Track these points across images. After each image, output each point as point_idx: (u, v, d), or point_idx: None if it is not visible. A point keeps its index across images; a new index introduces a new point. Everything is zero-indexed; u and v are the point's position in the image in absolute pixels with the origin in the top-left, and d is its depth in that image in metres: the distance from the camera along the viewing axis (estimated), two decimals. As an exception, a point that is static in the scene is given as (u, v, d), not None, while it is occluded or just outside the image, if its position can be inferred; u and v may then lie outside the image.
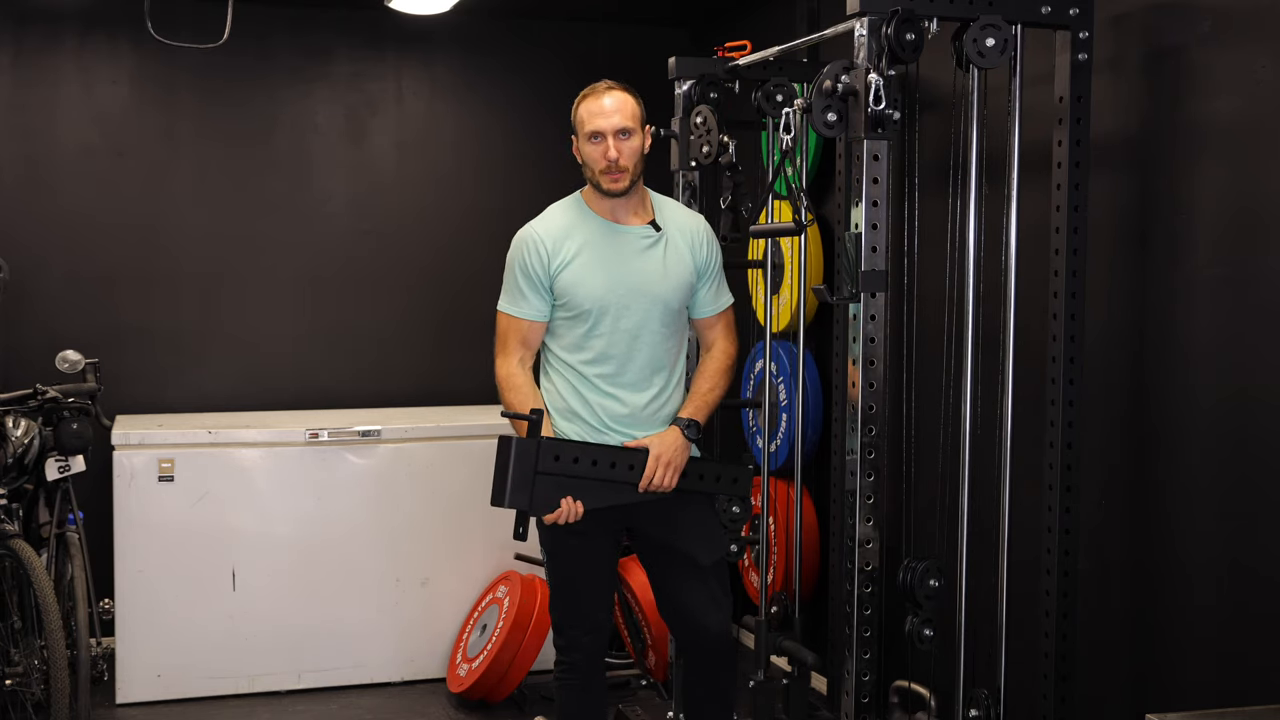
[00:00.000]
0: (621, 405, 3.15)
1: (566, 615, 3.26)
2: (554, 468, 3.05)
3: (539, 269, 3.14)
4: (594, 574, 3.24)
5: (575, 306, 3.12)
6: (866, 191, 2.76)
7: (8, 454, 3.98)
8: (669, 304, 3.17)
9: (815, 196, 4.44)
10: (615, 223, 3.18)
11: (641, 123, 3.15)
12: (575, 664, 3.26)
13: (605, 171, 3.10)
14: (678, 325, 3.23)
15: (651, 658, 4.53)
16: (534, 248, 3.15)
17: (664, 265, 3.17)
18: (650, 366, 3.17)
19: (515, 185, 5.39)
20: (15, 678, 3.86)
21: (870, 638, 2.87)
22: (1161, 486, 3.04)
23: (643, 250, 3.17)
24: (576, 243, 3.14)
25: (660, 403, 3.19)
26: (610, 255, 3.14)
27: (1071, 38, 2.94)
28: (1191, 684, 2.96)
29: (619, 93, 3.14)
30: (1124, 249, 3.14)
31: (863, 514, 2.83)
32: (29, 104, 4.93)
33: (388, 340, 5.33)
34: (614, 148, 3.08)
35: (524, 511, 3.06)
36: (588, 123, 3.12)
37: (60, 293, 4.96)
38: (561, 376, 3.19)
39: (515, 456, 3.03)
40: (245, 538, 4.57)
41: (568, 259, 3.13)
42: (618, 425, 3.15)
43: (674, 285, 3.18)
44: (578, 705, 3.30)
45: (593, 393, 3.15)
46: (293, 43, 5.19)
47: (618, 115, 3.10)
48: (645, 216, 3.20)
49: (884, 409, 2.83)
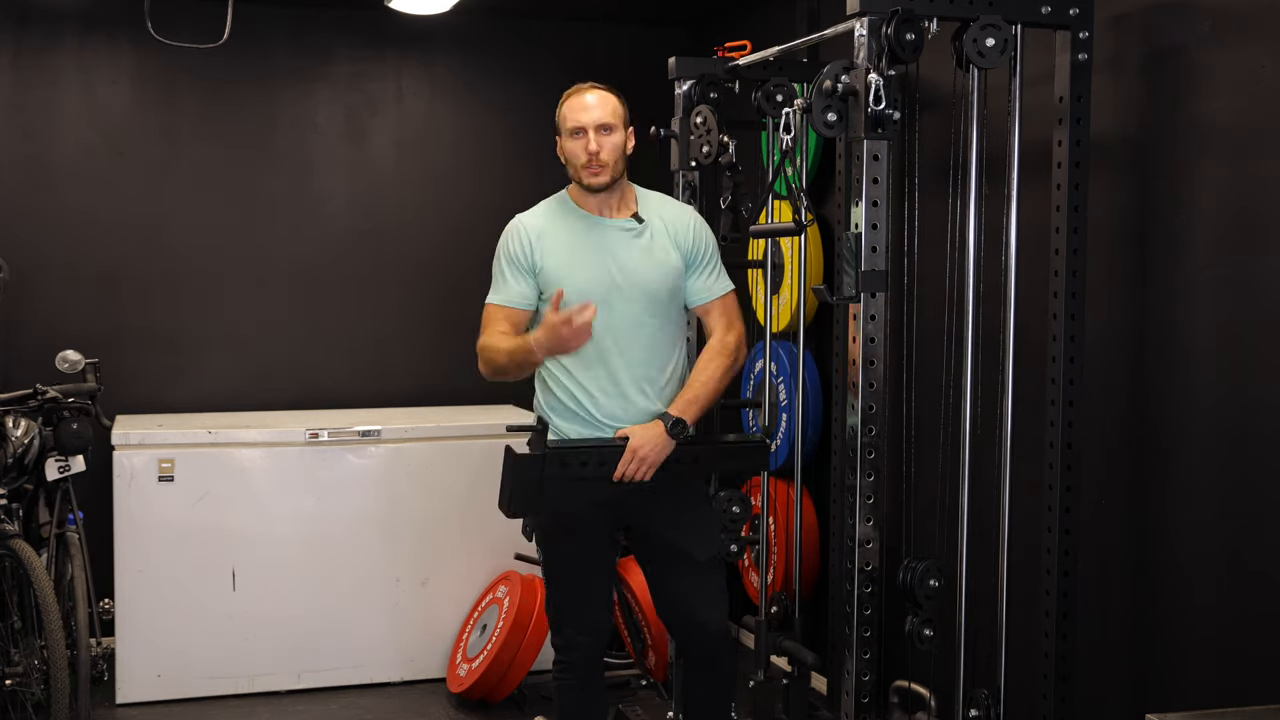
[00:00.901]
0: (618, 400, 3.15)
1: (563, 614, 3.26)
2: (560, 473, 3.07)
3: (522, 256, 3.18)
4: (590, 573, 3.24)
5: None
6: (866, 191, 2.76)
7: (8, 454, 3.98)
8: (655, 294, 3.18)
9: (815, 196, 4.44)
10: (599, 215, 3.20)
11: (624, 122, 3.18)
12: (573, 663, 3.26)
13: (586, 166, 3.14)
14: (669, 317, 3.23)
15: (651, 658, 4.53)
16: (518, 236, 3.21)
17: (649, 256, 3.19)
18: (643, 359, 3.17)
19: (515, 185, 5.35)
20: (15, 678, 3.86)
21: (870, 638, 2.86)
22: (1161, 486, 3.04)
23: (625, 242, 3.19)
24: (560, 235, 3.18)
25: (656, 396, 3.19)
26: (593, 247, 3.17)
27: (1071, 38, 2.94)
28: (1191, 684, 2.96)
29: (601, 91, 3.19)
30: (1124, 249, 3.14)
31: (863, 514, 2.83)
32: (29, 104, 4.93)
33: (387, 340, 5.34)
34: (594, 141, 3.12)
35: (534, 515, 3.09)
36: (570, 119, 3.16)
37: (60, 293, 4.96)
38: (554, 377, 3.19)
39: (521, 468, 3.05)
40: (245, 538, 4.56)
41: (550, 249, 3.17)
42: (613, 422, 3.15)
43: (659, 275, 3.18)
44: (576, 705, 3.30)
45: (587, 388, 3.15)
46: (293, 43, 5.19)
47: (598, 110, 3.14)
48: (629, 210, 3.23)
49: (884, 409, 2.83)
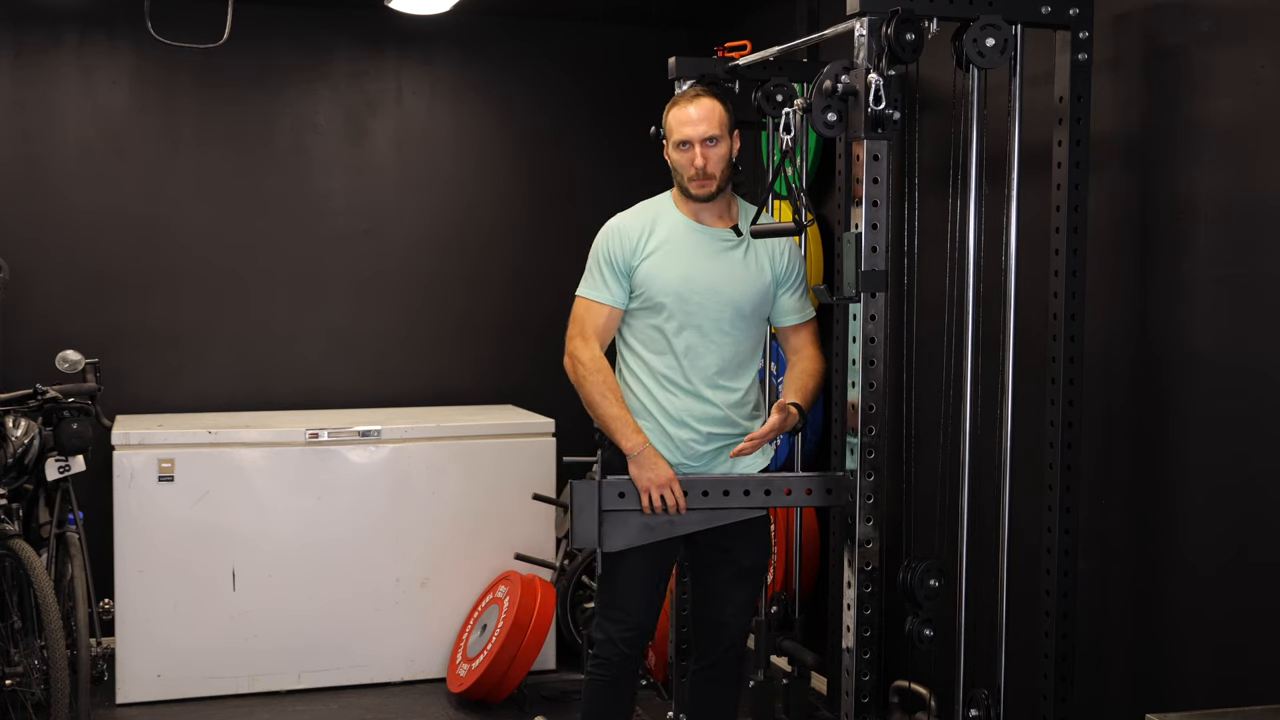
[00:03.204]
0: (693, 403, 3.17)
1: (607, 609, 3.27)
2: (620, 504, 3.09)
3: (620, 257, 3.19)
4: (642, 575, 3.23)
5: (650, 299, 3.17)
6: (866, 191, 2.76)
7: (8, 454, 3.98)
8: (740, 308, 3.19)
9: (815, 196, 4.44)
10: (698, 223, 3.22)
11: (729, 129, 3.17)
12: (610, 659, 3.26)
13: (693, 179, 3.15)
14: (750, 331, 3.24)
15: (651, 658, 4.53)
16: (618, 236, 3.21)
17: (742, 269, 3.20)
18: (720, 367, 3.19)
19: (515, 185, 5.39)
20: (15, 678, 3.86)
21: (870, 638, 2.86)
22: (1161, 486, 3.04)
23: (721, 251, 3.20)
24: (659, 237, 3.19)
25: (735, 404, 3.21)
26: (689, 252, 3.18)
27: (1071, 38, 2.94)
28: (1191, 683, 2.96)
29: (706, 99, 3.16)
30: (1124, 249, 3.14)
31: (863, 514, 2.83)
32: (29, 104, 4.93)
33: (388, 340, 5.34)
34: (700, 155, 3.12)
35: (596, 549, 3.13)
36: (676, 131, 3.16)
37: (60, 293, 4.96)
38: (633, 374, 3.22)
39: (578, 499, 3.09)
40: (245, 538, 4.56)
41: (649, 251, 3.18)
42: (693, 421, 3.17)
43: (748, 290, 3.20)
44: (603, 702, 3.30)
45: (664, 389, 3.18)
46: (293, 43, 5.19)
47: (704, 124, 3.13)
48: (730, 221, 3.24)
49: (884, 409, 2.83)
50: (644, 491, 3.07)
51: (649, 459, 3.07)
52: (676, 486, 3.07)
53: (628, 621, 3.24)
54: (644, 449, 3.08)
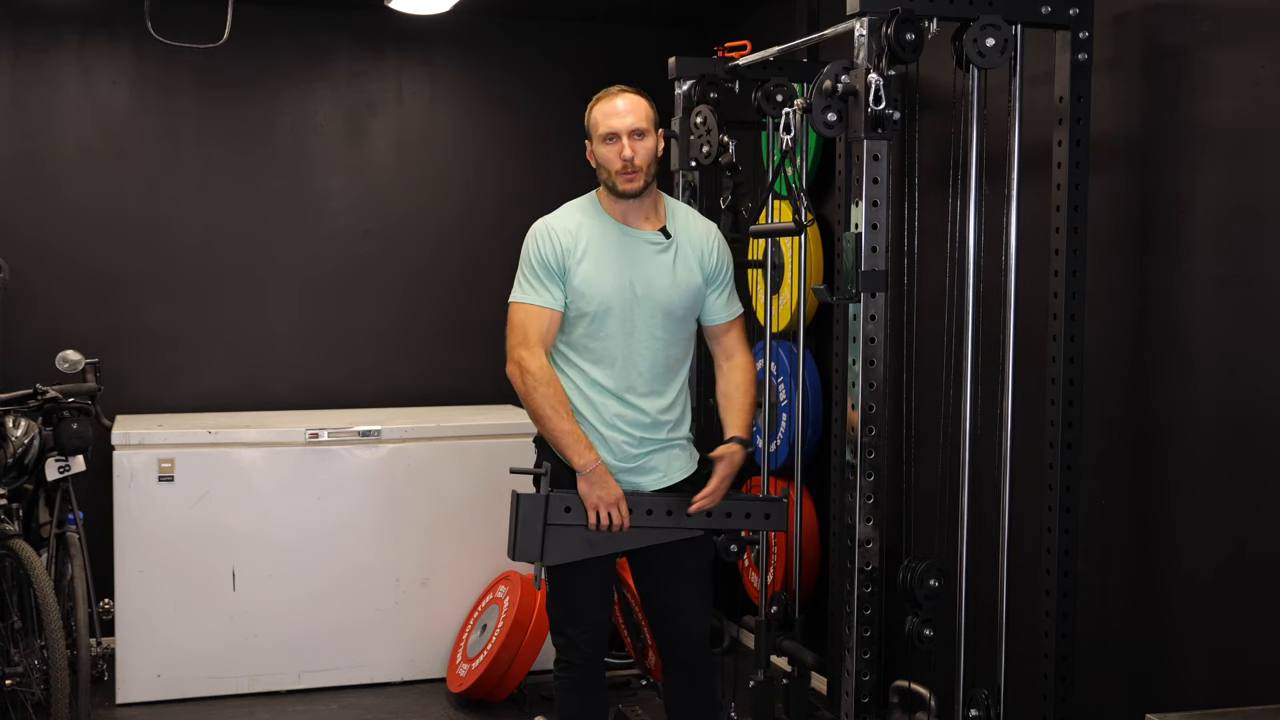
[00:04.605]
0: (624, 409, 3.15)
1: (563, 614, 3.26)
2: (565, 519, 3.08)
3: (554, 260, 3.14)
4: (589, 572, 3.24)
5: (583, 306, 3.13)
6: (866, 191, 2.76)
7: (8, 454, 3.98)
8: (673, 311, 3.17)
9: (815, 196, 4.44)
10: (627, 226, 3.19)
11: (655, 125, 3.17)
12: (573, 662, 3.26)
13: (621, 172, 3.12)
14: (683, 333, 3.23)
15: (651, 658, 4.52)
16: (550, 239, 3.16)
17: (672, 272, 3.18)
18: (654, 372, 3.17)
19: (515, 185, 5.39)
20: (15, 678, 3.86)
21: (870, 638, 2.87)
22: (1161, 486, 3.04)
23: (651, 255, 3.17)
24: (588, 241, 3.16)
25: (665, 409, 3.20)
26: (619, 257, 3.15)
27: (1071, 38, 2.94)
28: (1191, 683, 2.96)
29: (632, 95, 3.16)
30: (1124, 249, 3.14)
31: (863, 514, 2.83)
32: (29, 104, 4.93)
33: (387, 340, 5.34)
34: (629, 147, 3.10)
35: (537, 562, 3.12)
36: (602, 124, 3.14)
37: (60, 293, 4.96)
38: (566, 377, 3.19)
39: (524, 511, 3.08)
40: (245, 538, 4.56)
41: (580, 255, 3.14)
42: (625, 426, 3.16)
43: (680, 293, 3.18)
44: (577, 704, 3.30)
45: (598, 394, 3.16)
46: (293, 43, 5.19)
47: (631, 116, 3.12)
48: (657, 222, 3.21)
49: (884, 409, 2.83)
50: (592, 509, 3.07)
51: (600, 477, 3.07)
52: (624, 505, 3.08)
53: (581, 623, 3.24)
54: (596, 466, 3.07)
